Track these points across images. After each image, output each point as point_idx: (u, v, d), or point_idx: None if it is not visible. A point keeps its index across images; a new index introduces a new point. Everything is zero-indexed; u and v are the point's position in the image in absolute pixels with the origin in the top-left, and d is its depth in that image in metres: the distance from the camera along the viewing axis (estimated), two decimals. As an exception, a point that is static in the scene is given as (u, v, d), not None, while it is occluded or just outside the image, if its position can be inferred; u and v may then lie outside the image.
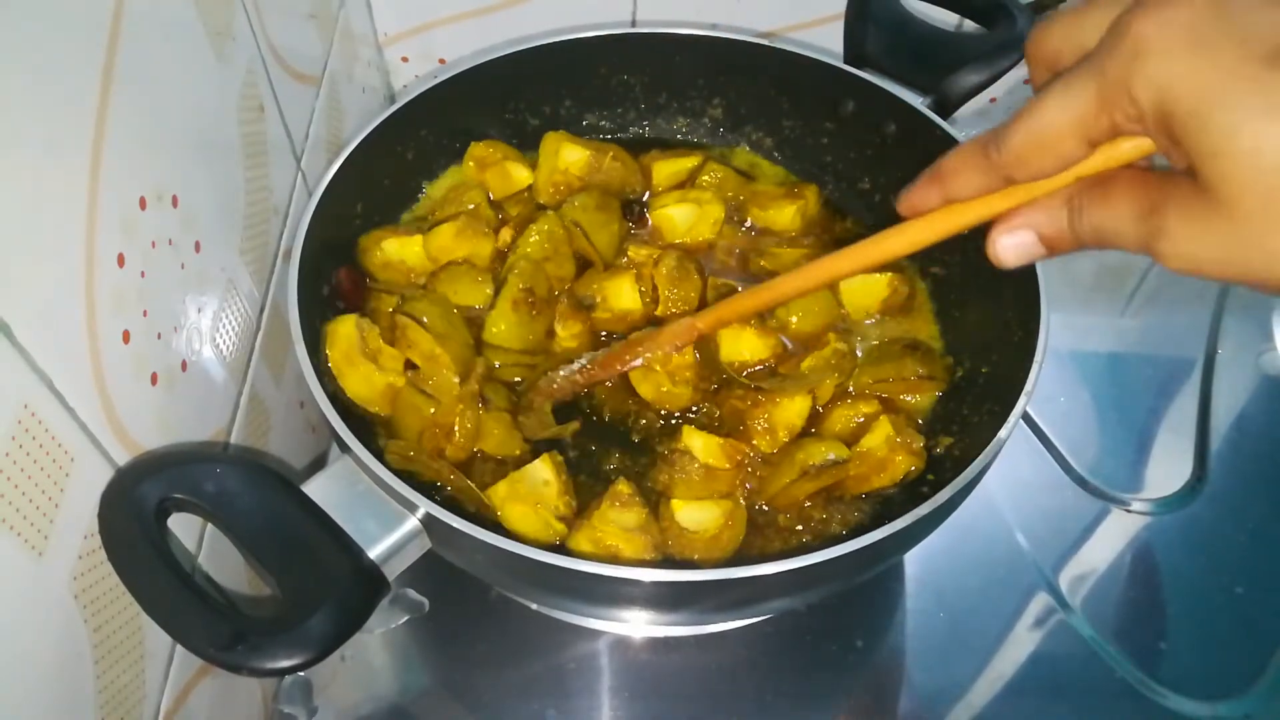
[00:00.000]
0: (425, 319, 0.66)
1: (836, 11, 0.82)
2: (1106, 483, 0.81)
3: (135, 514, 0.44)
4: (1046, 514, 0.79)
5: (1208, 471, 0.82)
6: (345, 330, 0.65)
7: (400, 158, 0.77)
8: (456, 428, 0.63)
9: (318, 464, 0.80)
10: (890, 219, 0.44)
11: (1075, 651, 0.72)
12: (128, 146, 0.48)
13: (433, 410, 0.64)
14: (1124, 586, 0.76)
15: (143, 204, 0.50)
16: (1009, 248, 0.41)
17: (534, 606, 0.71)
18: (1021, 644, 0.72)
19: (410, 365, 0.66)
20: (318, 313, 0.65)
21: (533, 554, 0.48)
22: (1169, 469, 0.83)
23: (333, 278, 0.70)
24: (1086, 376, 0.90)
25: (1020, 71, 1.01)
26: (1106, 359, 0.92)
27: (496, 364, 0.69)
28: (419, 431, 0.64)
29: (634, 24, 0.95)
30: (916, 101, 0.75)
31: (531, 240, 0.73)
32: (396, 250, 0.74)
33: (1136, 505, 0.80)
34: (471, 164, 0.81)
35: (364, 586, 0.47)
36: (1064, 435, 0.84)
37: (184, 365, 0.55)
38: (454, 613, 0.71)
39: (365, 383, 0.64)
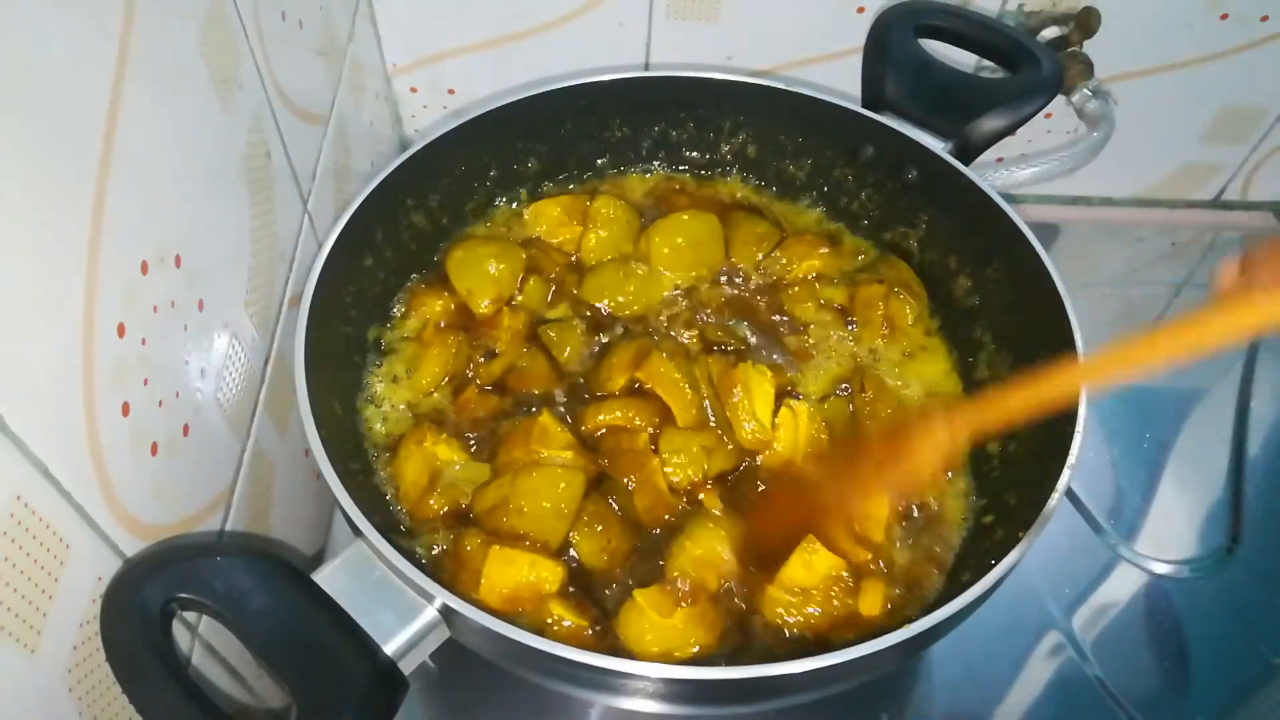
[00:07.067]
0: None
1: (854, 46, 0.80)
2: (1138, 540, 0.80)
3: (139, 620, 0.42)
4: (1076, 577, 0.78)
5: (1242, 530, 0.80)
6: None
7: (406, 208, 0.76)
8: None
9: (324, 506, 0.79)
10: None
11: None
12: (130, 209, 0.46)
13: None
14: (1152, 654, 0.74)
15: (144, 268, 0.48)
16: None
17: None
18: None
19: None
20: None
21: (558, 650, 0.46)
22: (1202, 526, 0.81)
23: None
24: (1113, 432, 0.87)
25: (1045, 123, 0.99)
26: (1135, 403, 0.90)
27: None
28: None
29: (647, 66, 0.93)
30: (938, 147, 0.73)
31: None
32: (420, 466, 0.66)
33: (1171, 569, 0.78)
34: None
35: (383, 692, 0.44)
36: (1091, 491, 0.82)
37: (185, 429, 0.53)
38: (463, 680, 0.69)
39: None
